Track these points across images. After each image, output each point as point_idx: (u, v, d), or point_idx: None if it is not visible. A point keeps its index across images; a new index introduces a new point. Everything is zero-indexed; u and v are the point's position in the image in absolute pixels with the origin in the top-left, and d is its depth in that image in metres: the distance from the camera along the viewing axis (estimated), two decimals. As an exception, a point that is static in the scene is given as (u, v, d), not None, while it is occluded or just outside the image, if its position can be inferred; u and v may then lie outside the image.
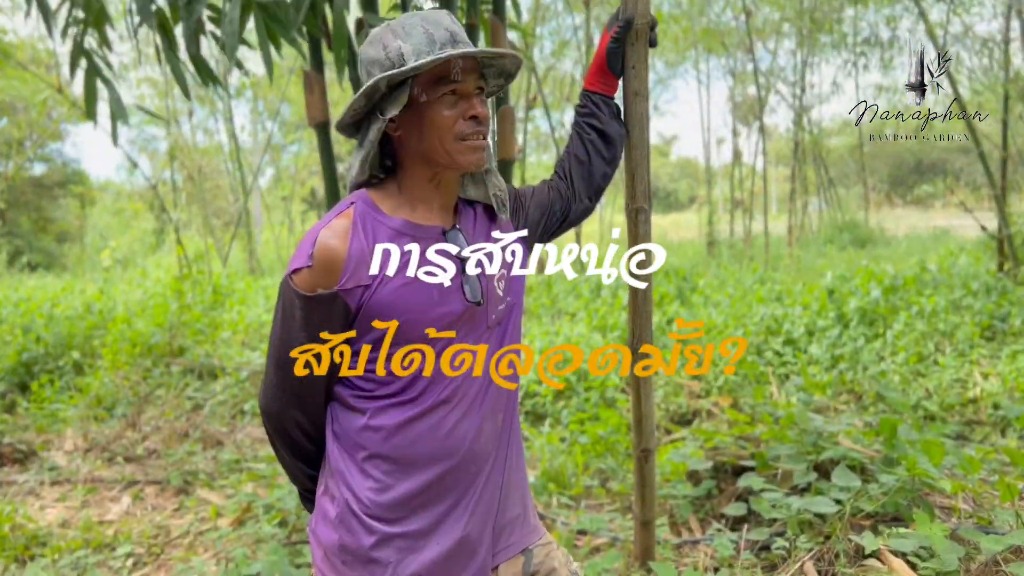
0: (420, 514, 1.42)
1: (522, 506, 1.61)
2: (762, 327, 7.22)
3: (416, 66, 1.34)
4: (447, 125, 1.41)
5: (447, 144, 1.42)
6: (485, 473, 1.49)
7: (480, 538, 1.48)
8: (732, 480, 3.23)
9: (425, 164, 1.45)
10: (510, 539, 1.55)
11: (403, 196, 1.47)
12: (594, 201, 1.88)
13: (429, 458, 1.42)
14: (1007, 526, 2.51)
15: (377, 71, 1.40)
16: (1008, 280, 7.65)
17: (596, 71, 1.88)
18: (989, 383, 5.76)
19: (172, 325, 7.19)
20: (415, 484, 1.41)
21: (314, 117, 3.71)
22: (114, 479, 4.58)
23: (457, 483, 1.45)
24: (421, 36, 1.40)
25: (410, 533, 1.40)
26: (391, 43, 1.40)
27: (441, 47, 1.40)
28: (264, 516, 3.59)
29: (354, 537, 1.40)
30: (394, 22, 1.43)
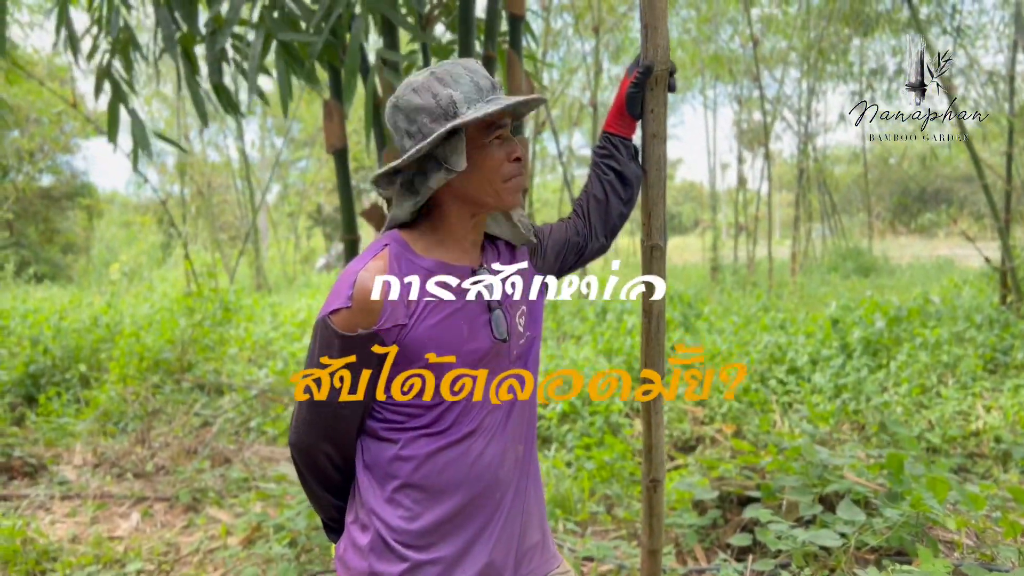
0: (449, 541, 1.47)
1: (541, 533, 1.66)
2: (766, 355, 7.27)
3: (489, 112, 1.39)
4: (496, 167, 1.48)
5: (496, 185, 1.48)
6: (508, 500, 1.55)
7: (504, 564, 1.53)
8: (738, 510, 3.27)
9: (469, 204, 1.51)
10: (531, 565, 1.61)
11: (436, 236, 1.53)
12: (610, 240, 1.95)
13: (457, 486, 1.47)
14: (1010, 563, 2.56)
15: (425, 117, 1.44)
16: (1011, 313, 7.70)
17: (616, 114, 1.95)
18: (991, 416, 5.80)
19: (183, 341, 7.23)
20: (444, 511, 1.46)
21: (333, 144, 3.79)
22: (123, 495, 4.63)
23: (483, 510, 1.50)
24: (469, 84, 1.46)
25: (439, 560, 1.45)
26: (441, 91, 1.44)
27: (487, 94, 1.46)
28: (274, 536, 3.63)
29: (385, 565, 1.45)
30: (438, 70, 1.48)
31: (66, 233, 25.54)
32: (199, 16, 3.28)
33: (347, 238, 3.85)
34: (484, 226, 1.59)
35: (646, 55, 1.99)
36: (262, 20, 2.87)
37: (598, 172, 1.91)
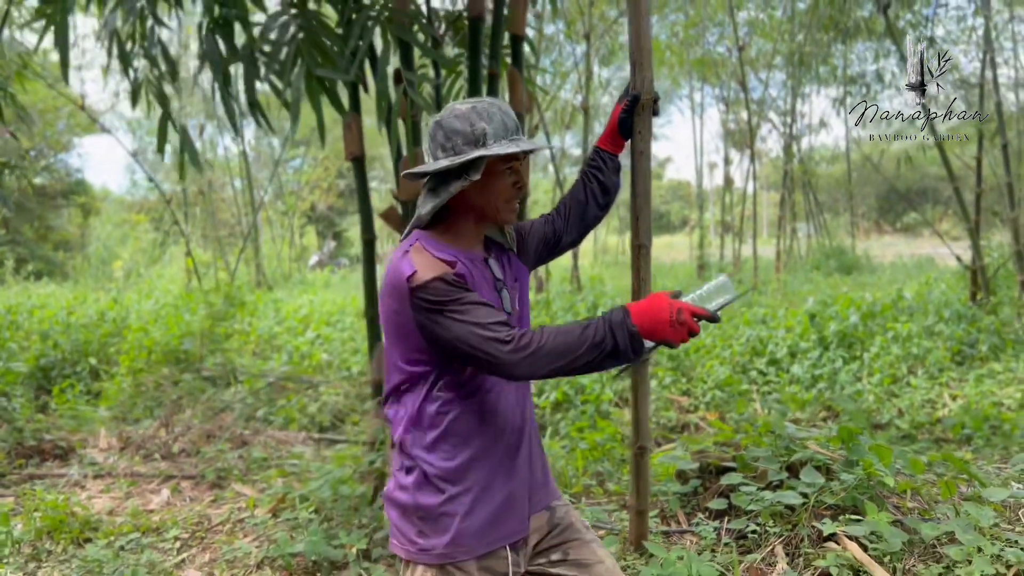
0: (477, 475, 1.86)
1: (543, 472, 2.06)
2: (748, 347, 7.70)
3: (508, 152, 1.80)
4: (504, 191, 1.89)
5: (499, 204, 1.90)
6: (520, 443, 1.95)
7: (521, 494, 1.93)
8: (716, 479, 3.68)
9: (476, 214, 1.92)
10: (538, 497, 2.00)
11: (450, 235, 1.93)
12: (581, 238, 2.36)
13: (484, 431, 1.86)
14: (945, 517, 2.98)
15: (460, 139, 1.84)
16: (979, 309, 8.15)
17: (609, 134, 2.36)
18: (956, 404, 6.24)
19: (200, 333, 7.62)
20: (473, 452, 1.85)
21: (352, 152, 4.19)
22: (152, 474, 5.01)
23: (502, 451, 1.89)
24: (499, 122, 1.87)
25: (470, 489, 1.84)
26: (477, 123, 1.85)
27: (511, 133, 1.87)
28: (300, 505, 4.02)
29: (428, 497, 1.84)
30: (479, 105, 1.87)
31: (60, 231, 25.79)
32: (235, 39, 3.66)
33: (366, 237, 4.23)
34: (485, 230, 1.99)
35: (634, 86, 2.41)
36: (300, 53, 3.26)
37: (585, 180, 2.32)
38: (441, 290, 1.73)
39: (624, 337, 1.65)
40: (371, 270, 4.26)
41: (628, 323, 1.66)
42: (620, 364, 1.72)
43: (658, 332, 1.66)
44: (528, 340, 1.67)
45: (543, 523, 2.01)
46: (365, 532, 3.65)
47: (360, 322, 10.34)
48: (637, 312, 1.67)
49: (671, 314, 1.64)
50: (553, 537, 2.02)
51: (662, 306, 1.65)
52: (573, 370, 1.69)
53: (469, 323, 1.69)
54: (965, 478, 3.38)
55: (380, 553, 3.54)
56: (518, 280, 2.05)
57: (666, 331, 1.65)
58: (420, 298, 1.73)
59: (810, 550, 2.92)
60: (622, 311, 1.67)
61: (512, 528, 1.91)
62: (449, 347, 1.74)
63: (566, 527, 2.03)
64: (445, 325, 1.72)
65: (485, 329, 1.68)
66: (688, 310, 1.65)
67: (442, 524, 1.83)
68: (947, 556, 2.69)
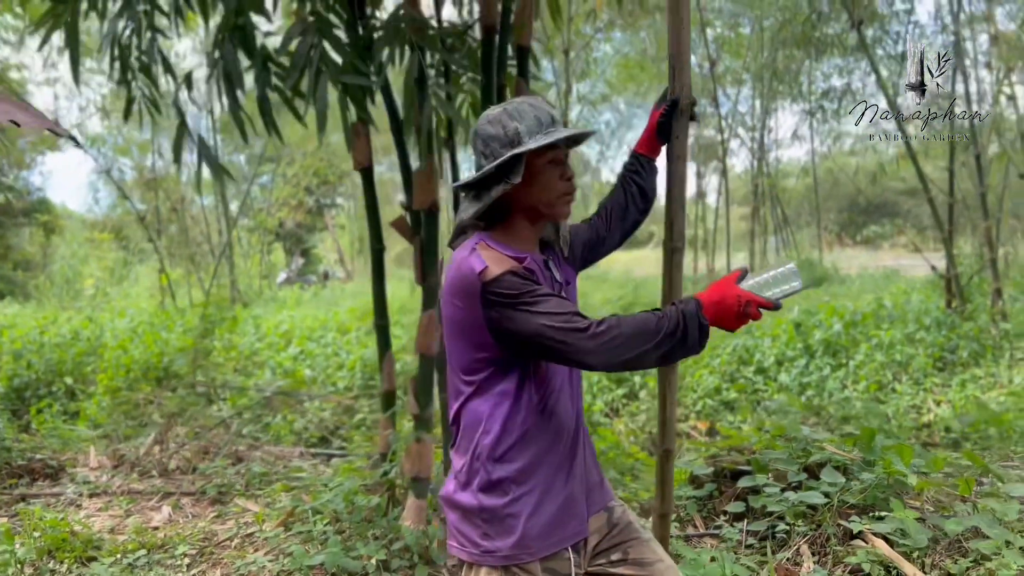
0: (540, 477, 1.86)
1: (599, 473, 2.07)
2: (735, 357, 7.79)
3: (543, 143, 1.81)
4: (552, 185, 1.89)
5: (550, 198, 1.90)
6: (577, 444, 1.96)
7: (580, 496, 1.94)
8: (731, 483, 3.72)
9: (530, 213, 1.91)
10: (595, 497, 2.01)
11: (507, 236, 1.93)
12: (621, 241, 2.39)
13: (546, 434, 1.87)
14: (965, 514, 3.04)
15: (496, 144, 1.85)
16: (956, 316, 8.34)
17: (647, 138, 2.40)
18: (941, 409, 6.37)
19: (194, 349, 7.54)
20: (536, 454, 1.85)
21: (360, 162, 4.19)
22: (150, 491, 4.92)
23: (562, 453, 1.90)
24: (532, 118, 1.88)
25: (533, 490, 1.84)
26: (509, 124, 1.86)
27: (546, 127, 1.88)
28: (313, 517, 3.98)
29: (493, 499, 1.83)
30: (509, 106, 1.89)
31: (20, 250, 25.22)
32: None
33: (376, 247, 4.22)
34: (542, 231, 2.00)
35: (673, 91, 2.44)
36: (324, 63, 3.26)
37: (624, 184, 2.35)
38: (514, 283, 1.72)
39: (695, 330, 1.66)
40: (380, 280, 4.25)
41: (701, 316, 1.67)
42: (686, 356, 1.73)
43: (724, 323, 1.69)
44: (605, 327, 1.66)
45: (602, 524, 2.01)
46: (382, 543, 3.63)
47: (342, 337, 10.28)
48: (708, 304, 1.68)
49: (739, 306, 1.67)
50: (612, 537, 2.02)
51: (730, 298, 1.67)
52: (645, 360, 1.68)
53: (544, 313, 1.69)
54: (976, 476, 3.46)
55: (399, 564, 3.52)
56: (570, 283, 2.07)
57: (732, 323, 1.68)
58: (492, 292, 1.73)
59: (838, 548, 2.96)
60: (695, 303, 1.68)
61: (574, 529, 1.91)
62: (522, 341, 1.73)
63: (624, 527, 2.04)
64: (519, 319, 1.71)
65: (560, 319, 1.68)
66: (755, 303, 1.67)
67: (507, 525, 1.82)
68: (974, 550, 2.75)
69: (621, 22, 12.97)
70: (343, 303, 14.81)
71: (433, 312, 3.79)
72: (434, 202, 3.80)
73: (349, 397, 7.62)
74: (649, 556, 2.02)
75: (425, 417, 3.87)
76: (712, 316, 1.68)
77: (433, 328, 3.79)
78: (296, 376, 8.33)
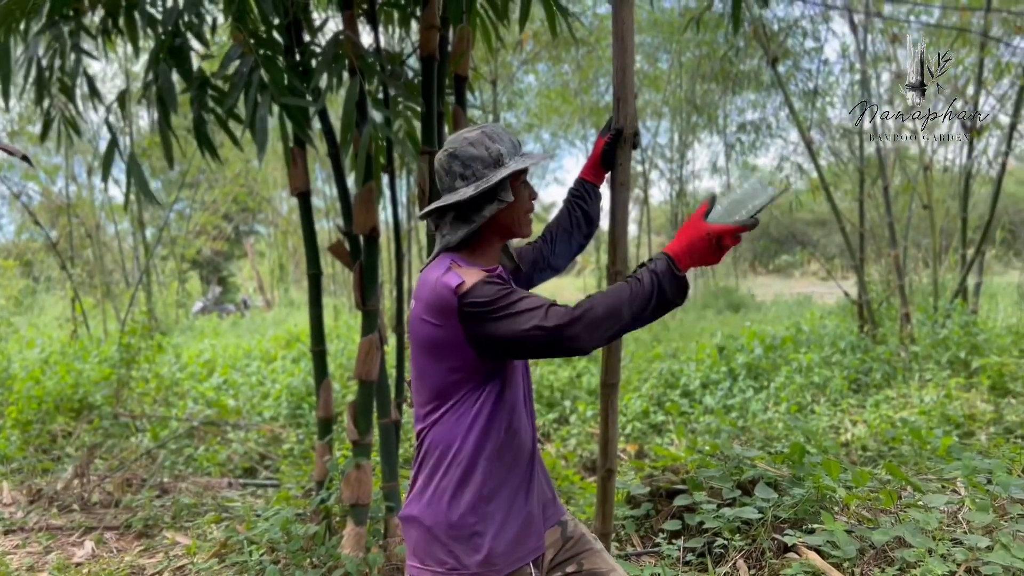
0: (505, 495, 1.89)
1: (551, 488, 2.12)
2: (661, 381, 7.96)
3: (526, 164, 1.87)
4: (524, 203, 1.97)
5: (522, 217, 1.97)
6: (534, 460, 2.00)
7: (537, 512, 1.98)
8: (667, 502, 3.80)
9: (502, 233, 1.98)
10: (550, 512, 2.06)
11: (477, 256, 1.98)
12: (564, 265, 2.46)
13: (509, 451, 1.90)
14: (890, 524, 3.19)
15: (479, 165, 1.90)
16: (868, 340, 8.72)
17: (591, 166, 2.49)
18: (858, 429, 6.63)
19: (118, 380, 7.29)
20: (503, 472, 1.88)
21: (297, 187, 4.17)
22: (70, 527, 4.72)
23: (524, 470, 1.94)
24: (508, 141, 1.96)
25: (501, 509, 1.87)
26: (491, 146, 1.92)
27: (518, 149, 1.96)
28: (248, 548, 3.89)
29: (461, 516, 1.85)
30: (487, 129, 1.95)
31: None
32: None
33: (311, 272, 4.20)
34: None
35: (617, 120, 2.54)
36: (264, 85, 3.25)
37: (570, 209, 2.42)
38: (489, 290, 1.75)
39: (671, 285, 1.70)
40: (317, 305, 4.22)
41: (675, 268, 1.70)
42: (670, 310, 1.75)
43: (704, 262, 1.72)
44: (581, 311, 1.68)
45: (557, 537, 2.06)
46: (321, 572, 3.57)
47: (267, 366, 10.08)
48: (679, 254, 1.72)
49: (710, 243, 1.70)
50: (567, 550, 2.07)
51: (701, 239, 1.70)
52: (630, 327, 1.73)
53: (525, 311, 1.71)
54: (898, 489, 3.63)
55: (339, 592, 3.47)
56: None
57: (710, 259, 1.72)
58: (470, 303, 1.74)
59: (774, 561, 3.07)
60: (664, 259, 1.71)
61: (533, 544, 1.95)
62: (508, 345, 1.75)
63: (578, 539, 2.09)
64: (502, 324, 1.72)
65: (540, 313, 1.70)
66: (728, 232, 1.69)
67: (474, 543, 1.84)
68: (900, 559, 2.89)
69: (546, 54, 13.22)
70: (266, 331, 14.53)
71: (374, 337, 3.79)
72: (374, 226, 3.81)
73: (277, 426, 7.47)
74: (602, 566, 2.07)
75: (364, 443, 3.84)
76: (686, 263, 1.72)
77: (374, 353, 3.78)
78: (220, 405, 8.13)
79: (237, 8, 3.55)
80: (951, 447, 4.58)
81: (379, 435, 4.07)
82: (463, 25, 4.01)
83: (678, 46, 14.24)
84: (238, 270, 35.61)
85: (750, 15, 8.22)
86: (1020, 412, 6.17)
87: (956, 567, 2.78)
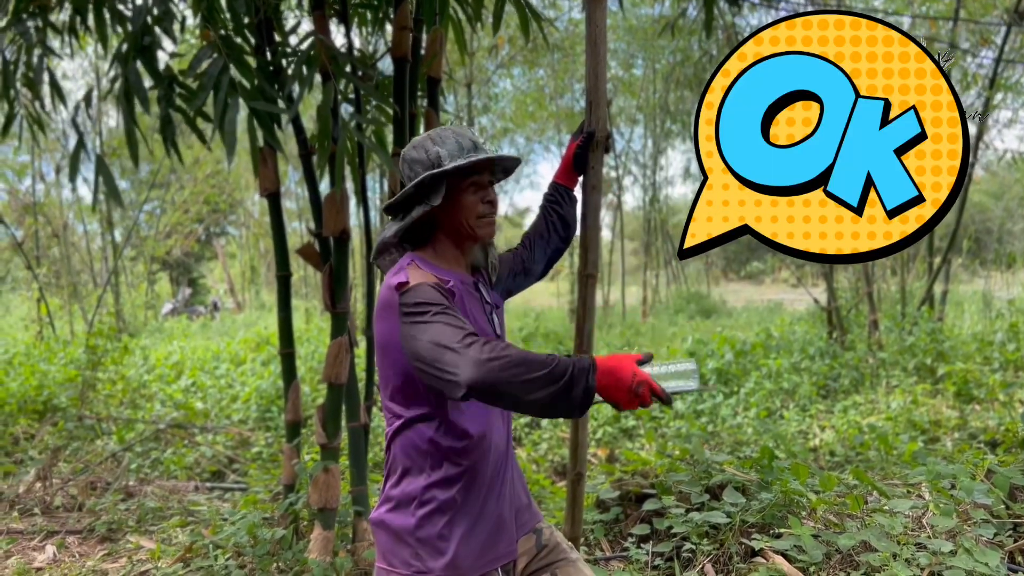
0: (473, 500, 1.88)
1: (526, 495, 2.11)
2: (633, 386, 7.97)
3: (458, 166, 1.87)
4: (471, 207, 1.94)
5: (471, 221, 1.95)
6: (507, 466, 1.99)
7: (509, 518, 1.96)
8: (636, 507, 3.81)
9: (454, 236, 1.97)
10: (523, 519, 2.04)
11: (437, 257, 1.97)
12: (546, 270, 2.45)
13: (478, 455, 1.89)
14: (855, 529, 3.22)
15: (419, 167, 1.91)
16: (837, 346, 8.82)
17: (564, 169, 2.49)
18: (826, 434, 6.70)
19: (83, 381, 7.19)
20: (470, 475, 1.87)
21: (267, 188, 4.13)
22: (32, 530, 4.63)
23: (494, 475, 1.93)
24: (453, 143, 1.94)
25: (468, 513, 1.86)
26: (431, 148, 1.92)
27: (467, 152, 1.94)
28: (214, 552, 3.83)
29: (427, 520, 1.83)
30: (433, 133, 1.96)
31: None
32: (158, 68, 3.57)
33: (281, 274, 4.16)
34: (471, 254, 2.04)
35: (589, 124, 2.54)
36: (234, 89, 3.22)
37: (546, 214, 2.42)
38: (426, 294, 1.72)
39: (580, 387, 1.55)
40: (286, 307, 4.18)
41: (591, 376, 1.56)
42: (563, 414, 1.60)
43: (613, 395, 1.58)
44: (491, 346, 1.59)
45: (531, 545, 2.04)
46: (288, 575, 3.54)
47: (236, 368, 9.98)
48: (603, 368, 1.58)
49: (632, 383, 1.57)
50: (541, 559, 2.05)
51: (626, 372, 1.57)
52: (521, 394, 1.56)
53: (442, 324, 1.65)
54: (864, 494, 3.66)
55: (305, 597, 3.44)
56: (499, 306, 2.12)
57: (620, 396, 1.58)
58: (404, 304, 1.73)
59: (741, 565, 3.08)
60: (590, 361, 1.58)
61: (503, 550, 1.94)
62: (416, 355, 1.68)
63: (553, 548, 2.07)
64: (420, 328, 1.67)
65: (457, 330, 1.63)
66: (649, 385, 1.58)
67: (439, 547, 1.83)
68: (865, 563, 2.91)
69: (521, 58, 13.25)
70: (236, 334, 14.39)
71: (343, 340, 3.76)
72: (344, 229, 3.79)
73: (245, 430, 7.39)
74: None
75: (333, 447, 3.81)
76: (603, 382, 1.57)
77: (343, 356, 3.75)
78: (188, 408, 8.03)
79: (207, 6, 3.51)
80: (917, 452, 4.63)
81: (348, 439, 4.04)
82: (436, 27, 4.01)
83: (653, 52, 14.33)
84: (209, 272, 35.24)
85: (723, 21, 8.29)
86: (984, 418, 6.26)
87: (920, 571, 2.81)
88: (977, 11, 9.16)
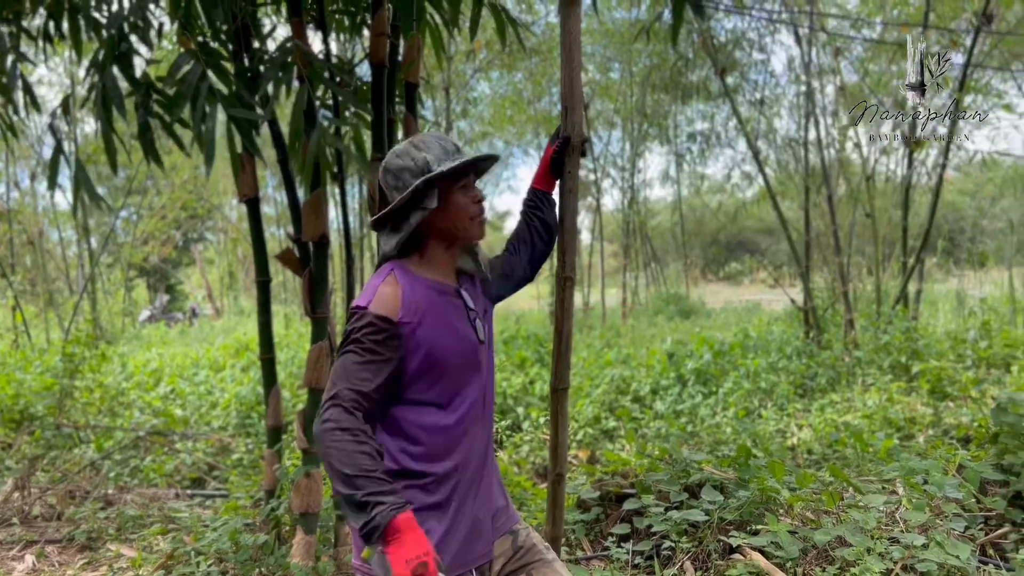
0: (452, 500, 1.90)
1: (504, 497, 2.14)
2: (613, 387, 8.03)
3: (452, 168, 1.90)
4: (463, 207, 1.97)
5: (463, 222, 1.98)
6: (484, 469, 2.02)
7: (486, 519, 1.99)
8: (616, 506, 3.85)
9: (446, 238, 1.99)
10: (499, 521, 2.07)
11: (423, 263, 2.00)
12: (533, 273, 2.48)
13: (457, 456, 1.91)
14: (831, 525, 3.27)
15: (408, 175, 1.93)
16: (814, 345, 8.91)
17: (542, 174, 2.52)
18: (804, 432, 6.77)
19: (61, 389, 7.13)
20: (449, 475, 1.89)
21: (245, 194, 4.13)
22: (10, 540, 4.60)
23: (472, 476, 1.96)
24: (438, 148, 1.97)
25: (447, 513, 1.87)
26: (417, 155, 1.95)
27: (452, 155, 1.97)
28: (195, 559, 3.83)
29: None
30: (415, 140, 1.99)
31: None
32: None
33: (260, 279, 4.16)
34: (458, 258, 2.07)
35: (565, 129, 2.58)
36: (212, 96, 3.23)
37: (527, 219, 2.45)
38: (363, 324, 1.80)
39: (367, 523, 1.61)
40: (266, 312, 4.18)
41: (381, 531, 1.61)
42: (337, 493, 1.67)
43: (393, 559, 1.60)
44: (340, 421, 1.69)
45: (507, 547, 2.07)
46: (270, 581, 3.54)
47: (216, 375, 9.93)
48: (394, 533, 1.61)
49: (417, 560, 1.60)
50: (517, 560, 2.08)
51: (418, 549, 1.61)
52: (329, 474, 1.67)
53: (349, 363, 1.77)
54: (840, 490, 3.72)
55: (288, 601, 3.44)
56: (487, 312, 2.14)
57: (400, 564, 1.59)
58: (349, 323, 1.83)
59: (719, 562, 3.12)
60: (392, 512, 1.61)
61: (480, 551, 1.97)
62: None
63: (529, 549, 2.10)
64: (341, 352, 1.81)
65: (350, 375, 1.75)
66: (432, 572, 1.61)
67: None
68: (840, 558, 2.97)
69: (499, 63, 13.29)
70: (215, 340, 14.31)
71: (323, 344, 3.77)
72: (324, 233, 3.80)
73: (226, 436, 7.36)
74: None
75: (314, 452, 3.82)
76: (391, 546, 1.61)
77: (323, 361, 3.76)
78: (168, 415, 7.98)
79: (184, 13, 3.52)
80: (891, 449, 4.71)
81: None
82: (414, 33, 4.03)
83: (629, 56, 14.42)
84: (187, 278, 34.99)
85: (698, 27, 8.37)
86: (957, 415, 6.36)
87: (893, 565, 2.86)
88: (946, 14, 9.31)
